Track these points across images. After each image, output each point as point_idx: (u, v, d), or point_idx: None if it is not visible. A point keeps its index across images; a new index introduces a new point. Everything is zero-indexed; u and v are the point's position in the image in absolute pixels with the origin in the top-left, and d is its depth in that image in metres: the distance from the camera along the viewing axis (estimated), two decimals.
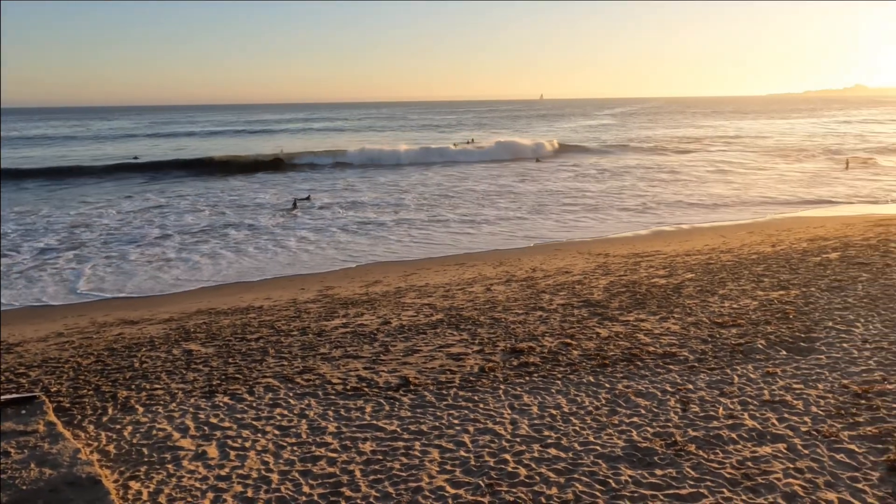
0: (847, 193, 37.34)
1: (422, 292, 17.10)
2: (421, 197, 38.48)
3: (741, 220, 29.58)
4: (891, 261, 17.69)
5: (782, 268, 17.53)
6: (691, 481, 7.30)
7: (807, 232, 24.25)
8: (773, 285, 15.68)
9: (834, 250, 19.62)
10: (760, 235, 24.06)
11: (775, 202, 34.86)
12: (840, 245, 20.51)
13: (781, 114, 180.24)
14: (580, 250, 23.03)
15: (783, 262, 18.21)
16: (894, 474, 7.24)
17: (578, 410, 9.26)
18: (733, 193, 38.32)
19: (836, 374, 10.11)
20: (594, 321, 13.48)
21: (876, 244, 20.35)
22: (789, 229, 25.42)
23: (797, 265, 17.77)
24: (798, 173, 48.11)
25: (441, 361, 11.47)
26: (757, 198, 36.44)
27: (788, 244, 21.39)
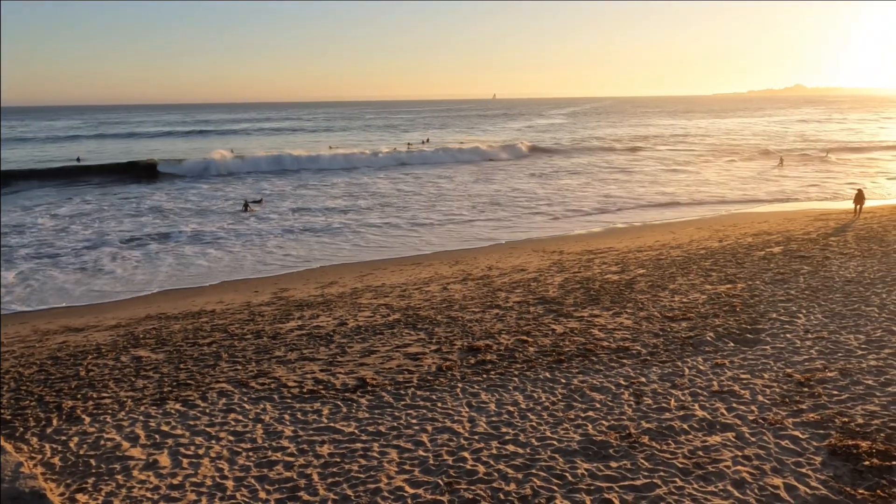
0: (778, 190, 38.77)
1: (378, 293, 17.01)
2: (374, 199, 38.29)
3: (690, 216, 30.38)
4: (830, 254, 18.45)
5: (729, 262, 18.09)
6: (645, 472, 7.46)
7: (751, 227, 25.09)
8: (721, 279, 16.16)
9: (777, 244, 20.35)
10: (708, 231, 24.77)
11: (720, 199, 35.92)
12: (783, 239, 21.29)
13: (727, 113, 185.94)
14: (535, 248, 23.27)
15: (730, 257, 18.78)
16: (835, 458, 7.55)
17: (535, 406, 9.36)
18: (681, 191, 39.33)
19: (780, 364, 10.49)
20: (550, 318, 13.65)
21: (816, 238, 21.19)
22: (735, 224, 26.24)
23: (743, 259, 18.36)
24: (741, 171, 49.70)
25: (398, 361, 11.43)
26: (703, 195, 37.50)
27: (734, 239, 22.08)
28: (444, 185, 44.38)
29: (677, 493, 7.03)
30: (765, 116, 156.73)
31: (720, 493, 6.98)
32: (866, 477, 7.13)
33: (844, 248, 19.18)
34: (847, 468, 7.33)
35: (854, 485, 6.99)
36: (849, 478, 7.14)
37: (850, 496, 6.80)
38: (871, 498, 6.74)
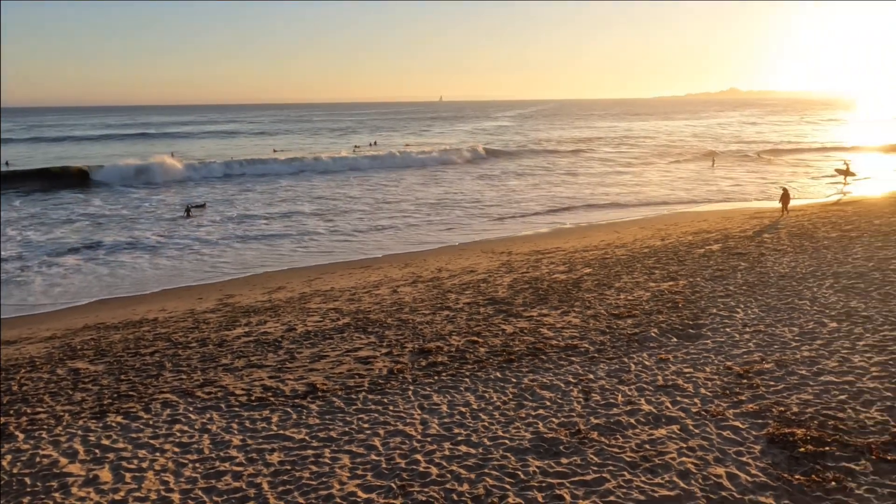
0: (716, 190, 40.23)
1: (327, 297, 16.82)
2: (320, 203, 37.86)
3: (633, 216, 31.16)
4: (765, 250, 19.23)
5: (671, 260, 18.63)
6: (595, 467, 7.61)
7: (692, 226, 25.91)
8: (664, 277, 16.63)
9: (716, 242, 21.08)
10: (651, 230, 25.46)
11: (662, 199, 36.98)
12: (721, 237, 22.07)
13: (667, 115, 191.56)
14: (484, 249, 23.45)
15: (672, 255, 19.35)
16: (773, 446, 7.87)
17: (487, 406, 9.42)
18: (625, 191, 40.33)
19: (720, 357, 10.86)
20: (499, 318, 13.77)
21: (752, 235, 22.05)
22: (676, 224, 27.06)
23: (684, 257, 18.94)
24: (681, 171, 51.33)
25: (349, 366, 11.33)
26: (645, 195, 38.54)
27: (676, 238, 22.76)
28: (392, 188, 44.26)
29: (626, 486, 7.20)
30: (702, 118, 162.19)
31: (666, 485, 7.17)
32: (802, 463, 7.45)
33: (778, 244, 20.02)
34: (784, 455, 7.64)
35: (791, 470, 7.30)
36: (786, 464, 7.45)
37: (788, 482, 7.09)
38: (806, 482, 7.05)
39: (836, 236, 20.74)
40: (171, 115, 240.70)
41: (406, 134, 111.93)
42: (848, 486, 6.93)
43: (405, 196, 39.87)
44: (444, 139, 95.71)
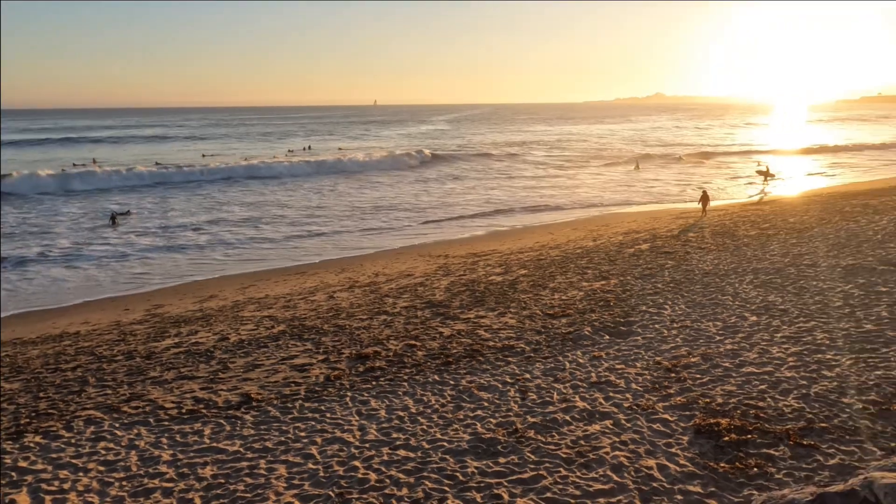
0: (645, 191, 41.70)
1: (261, 304, 16.46)
2: (253, 210, 37.01)
3: (566, 218, 31.87)
4: (690, 249, 20.03)
5: (603, 260, 19.16)
6: (532, 465, 7.73)
7: (622, 226, 26.72)
8: (596, 276, 17.08)
9: (644, 242, 21.81)
10: (583, 231, 26.11)
11: (593, 201, 38.00)
12: (650, 237, 22.85)
13: (597, 119, 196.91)
14: (421, 253, 23.48)
15: (603, 255, 19.90)
16: (700, 436, 8.20)
17: (425, 410, 9.43)
18: (558, 194, 41.21)
19: (650, 353, 11.24)
20: (437, 321, 13.81)
21: (678, 234, 22.94)
22: (607, 225, 27.84)
23: (615, 257, 19.51)
24: (611, 173, 52.89)
25: (285, 374, 11.12)
26: (578, 197, 39.50)
27: (607, 238, 23.42)
28: (327, 193, 43.74)
29: (562, 482, 7.34)
30: (631, 122, 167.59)
31: (600, 479, 7.36)
32: (726, 451, 7.79)
33: (702, 243, 20.90)
34: (710, 444, 7.97)
35: (716, 459, 7.62)
36: (712, 453, 7.77)
37: (714, 470, 7.40)
38: (731, 470, 7.37)
39: (755, 234, 21.82)
40: (94, 118, 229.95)
41: (342, 138, 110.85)
42: (768, 472, 7.29)
43: (340, 201, 39.46)
44: (380, 143, 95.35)
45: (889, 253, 17.66)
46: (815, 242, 19.70)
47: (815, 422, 8.34)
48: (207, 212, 35.82)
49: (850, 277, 15.36)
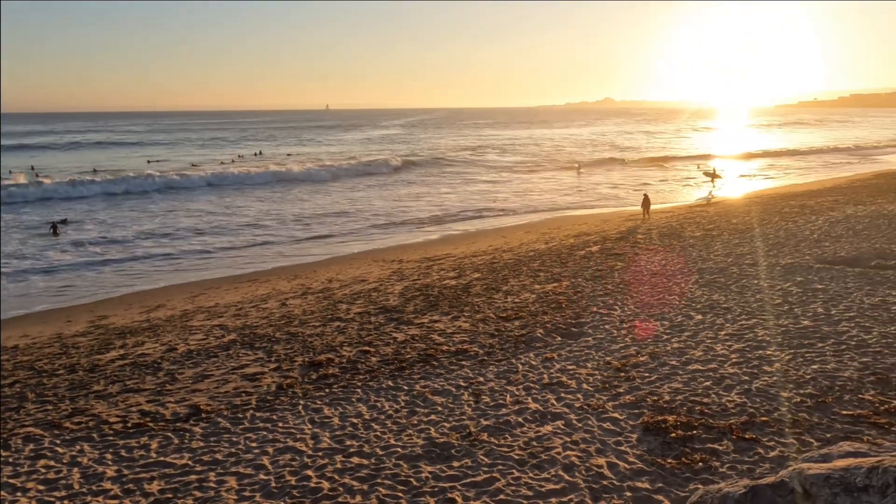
0: (596, 195, 42.56)
1: (211, 313, 16.12)
2: (197, 218, 36.22)
3: (519, 221, 32.22)
4: (639, 250, 20.52)
5: (554, 262, 19.44)
6: (485, 468, 7.79)
7: (573, 229, 27.17)
8: (548, 279, 17.33)
9: (595, 244, 22.24)
10: (536, 234, 26.44)
11: (545, 204, 38.54)
12: (599, 239, 23.31)
13: (548, 124, 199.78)
14: (375, 258, 23.38)
15: (555, 258, 20.20)
16: (648, 434, 8.41)
17: (379, 416, 9.40)
18: (512, 197, 41.63)
19: (601, 353, 11.46)
20: (391, 326, 13.78)
21: (627, 236, 23.46)
22: (559, 227, 28.26)
23: (566, 259, 19.83)
24: (562, 177, 53.74)
25: (235, 384, 10.92)
26: (531, 200, 39.99)
27: (559, 241, 23.78)
28: (280, 200, 43.14)
29: (515, 483, 7.42)
30: (582, 127, 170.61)
31: (552, 479, 7.47)
32: (673, 447, 8.01)
33: (650, 244, 21.43)
34: (658, 441, 8.18)
35: (664, 455, 7.83)
36: (659, 450, 7.98)
37: (661, 466, 7.60)
38: (677, 465, 7.58)
39: (700, 235, 22.50)
40: (35, 123, 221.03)
41: (292, 143, 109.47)
42: (713, 466, 7.53)
43: (293, 208, 38.97)
44: (332, 148, 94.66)
45: (825, 252, 18.47)
46: (757, 242, 20.44)
47: (757, 416, 8.66)
48: (153, 220, 34.85)
49: (788, 276, 15.99)
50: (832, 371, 9.97)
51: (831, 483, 3.41)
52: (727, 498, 3.67)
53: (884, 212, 24.99)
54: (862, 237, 20.20)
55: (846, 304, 13.37)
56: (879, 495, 3.24)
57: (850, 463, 3.50)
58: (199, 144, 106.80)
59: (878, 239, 19.74)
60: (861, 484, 3.31)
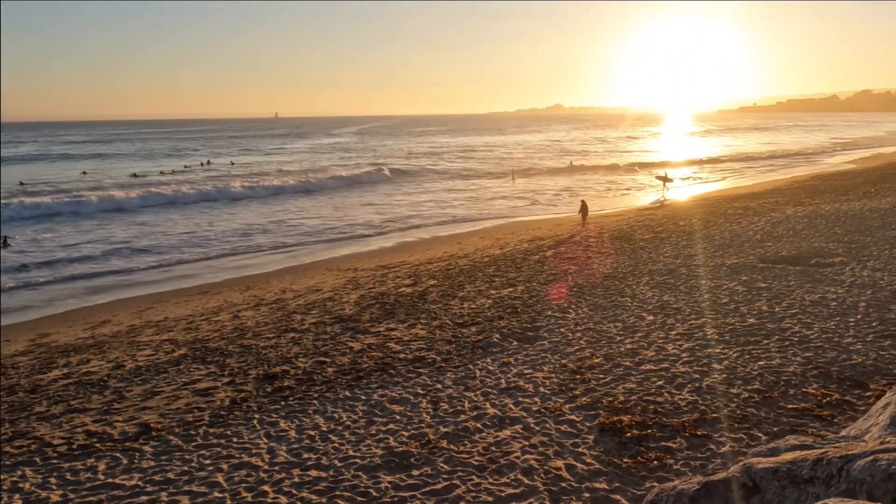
0: (542, 201, 43.19)
1: (160, 328, 15.66)
2: (139, 230, 35.21)
3: (474, 227, 32.40)
4: (591, 253, 20.88)
5: (510, 267, 19.61)
6: (445, 475, 7.77)
7: (527, 233, 27.47)
8: (503, 284, 17.46)
9: (549, 248, 22.53)
10: (490, 240, 26.62)
11: (499, 210, 38.87)
12: (553, 243, 23.63)
13: (500, 130, 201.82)
14: (329, 267, 23.14)
15: (510, 262, 20.38)
16: (605, 434, 8.54)
17: (337, 427, 9.28)
18: (465, 203, 41.85)
19: (557, 356, 11.60)
20: (347, 336, 13.65)
21: (580, 240, 23.84)
22: (513, 232, 28.53)
23: (521, 264, 20.02)
24: (519, 183, 54.34)
25: (187, 400, 10.62)
26: (485, 206, 40.29)
27: (513, 246, 24.01)
28: (226, 213, 42.31)
29: (475, 489, 7.43)
30: (533, 133, 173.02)
31: (512, 483, 7.51)
32: (629, 447, 8.16)
33: (602, 247, 21.83)
34: (614, 441, 8.32)
35: (620, 455, 7.96)
36: (616, 450, 8.12)
37: (618, 465, 7.73)
38: (633, 464, 7.72)
39: (649, 238, 23.04)
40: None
41: (241, 152, 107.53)
42: (667, 463, 7.69)
43: (246, 218, 38.26)
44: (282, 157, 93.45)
45: (767, 251, 19.15)
46: (703, 244, 21.06)
47: (708, 413, 8.90)
48: (93, 234, 33.65)
49: (734, 275, 16.51)
50: (777, 367, 10.32)
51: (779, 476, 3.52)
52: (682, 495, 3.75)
53: (821, 212, 26.08)
54: (801, 237, 21.03)
55: (788, 301, 13.88)
56: (824, 486, 3.37)
57: (796, 456, 3.62)
58: (139, 155, 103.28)
59: (817, 238, 20.58)
60: (807, 476, 3.42)
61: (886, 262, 16.78)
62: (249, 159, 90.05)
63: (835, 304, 13.47)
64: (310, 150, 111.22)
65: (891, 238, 19.73)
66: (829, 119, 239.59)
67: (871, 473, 3.29)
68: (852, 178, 40.86)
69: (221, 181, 55.93)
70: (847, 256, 17.66)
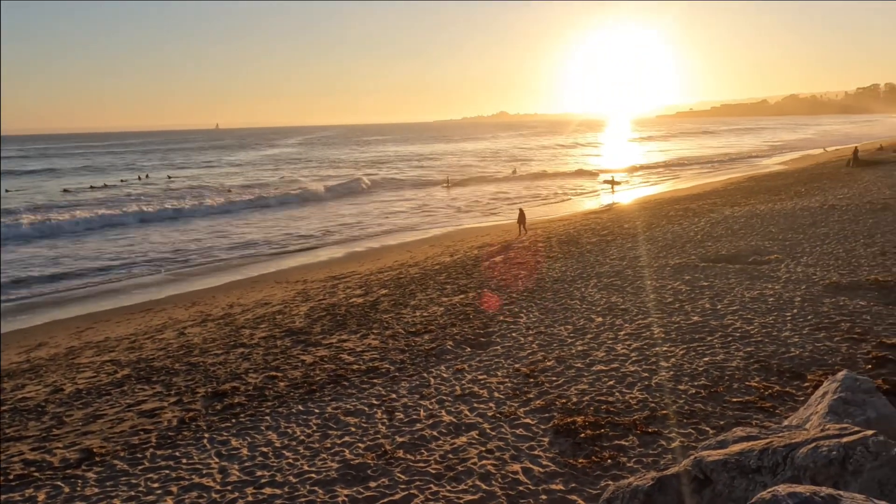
0: (487, 208, 43.66)
1: (101, 348, 15.07)
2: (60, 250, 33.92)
3: (423, 235, 32.43)
4: (539, 258, 21.17)
5: (460, 274, 19.69)
6: (403, 485, 7.72)
7: (476, 240, 27.65)
8: (455, 291, 17.51)
9: (498, 254, 22.73)
10: (440, 248, 26.69)
11: (447, 218, 39.04)
12: (502, 249, 23.86)
13: (447, 138, 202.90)
14: (278, 279, 22.75)
15: (461, 269, 20.47)
16: (559, 436, 8.64)
17: (291, 442, 9.11)
18: (415, 212, 41.87)
19: (510, 361, 11.69)
20: (298, 349, 13.43)
21: (528, 245, 24.15)
22: (462, 240, 28.68)
23: (471, 270, 20.14)
24: (461, 190, 54.69)
25: (132, 422, 10.24)
26: (433, 214, 40.39)
27: (463, 253, 24.12)
28: (159, 228, 41.14)
29: (433, 498, 7.40)
30: (480, 141, 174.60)
31: (470, 490, 7.51)
32: (583, 447, 8.28)
33: (550, 252, 22.16)
34: (569, 443, 8.43)
35: (575, 456, 8.07)
36: (571, 451, 8.22)
37: (573, 466, 7.83)
38: (588, 464, 7.84)
39: (596, 241, 23.52)
40: None
41: (182, 165, 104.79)
42: (621, 461, 7.84)
43: (176, 236, 37.26)
44: (221, 169, 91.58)
45: (708, 251, 19.81)
46: (647, 245, 21.63)
47: (658, 410, 9.12)
48: (21, 250, 32.20)
49: (677, 275, 17.01)
50: (721, 362, 10.67)
51: (728, 467, 3.64)
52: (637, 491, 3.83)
53: (756, 212, 27.17)
54: (739, 236, 21.85)
55: (729, 298, 14.39)
56: (771, 474, 3.50)
57: (743, 447, 3.75)
58: (67, 171, 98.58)
59: (754, 237, 21.42)
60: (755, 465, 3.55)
61: (818, 258, 17.59)
62: (189, 172, 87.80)
63: (772, 299, 14.03)
64: (250, 162, 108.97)
65: (821, 235, 20.71)
66: (762, 122, 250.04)
67: (813, 460, 3.44)
68: (784, 179, 42.74)
69: (156, 196, 54.43)
70: (782, 254, 18.44)
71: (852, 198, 28.87)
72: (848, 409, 4.90)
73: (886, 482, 3.36)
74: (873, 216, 23.46)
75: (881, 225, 21.62)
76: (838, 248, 18.49)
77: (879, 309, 12.78)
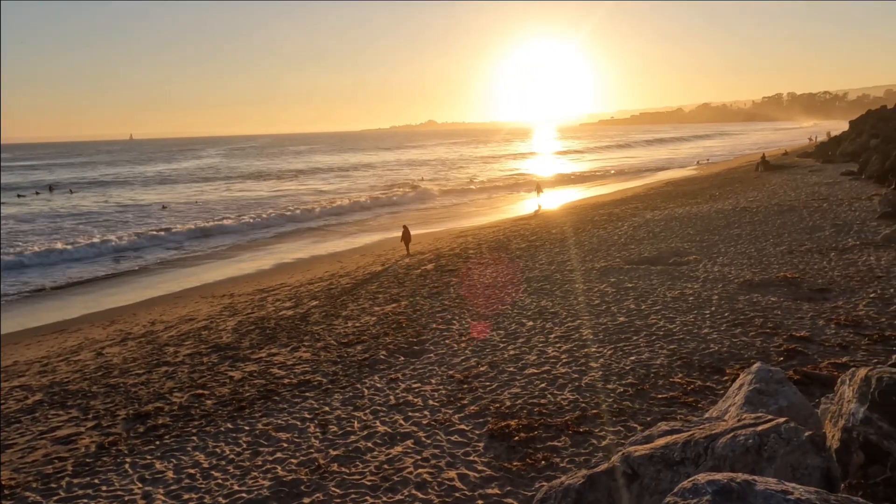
0: (424, 214, 43.86)
1: (9, 373, 14.12)
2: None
3: (355, 244, 32.11)
4: (471, 265, 21.35)
5: (392, 283, 19.61)
6: (337, 499, 7.58)
7: (411, 248, 27.58)
8: (387, 300, 17.42)
9: (430, 262, 22.78)
10: (371, 257, 26.50)
11: (380, 226, 38.86)
12: (434, 257, 23.92)
13: (375, 147, 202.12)
14: (203, 294, 21.99)
15: (392, 278, 20.38)
16: (494, 440, 8.72)
17: (219, 462, 8.79)
18: (345, 221, 41.46)
19: (443, 368, 11.71)
20: (226, 365, 13.00)
21: (459, 252, 24.32)
22: (393, 248, 28.56)
23: (403, 279, 20.09)
24: (391, 198, 54.60)
25: (45, 450, 9.63)
26: (363, 223, 40.11)
27: (394, 261, 24.04)
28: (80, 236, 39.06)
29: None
30: (408, 149, 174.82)
31: (406, 500, 7.46)
32: (518, 450, 8.38)
33: (481, 258, 22.40)
34: (503, 446, 8.51)
35: (509, 459, 8.16)
36: (505, 454, 8.31)
37: (508, 469, 7.91)
38: (522, 467, 7.94)
39: (525, 247, 23.95)
40: None
41: (96, 179, 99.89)
42: (554, 462, 7.98)
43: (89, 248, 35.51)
44: (143, 183, 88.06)
45: (631, 254, 20.52)
46: (574, 249, 22.20)
47: (588, 409, 9.34)
48: None
49: (604, 278, 17.53)
50: (647, 360, 11.05)
51: (654, 461, 3.77)
52: (569, 490, 3.91)
53: (675, 215, 28.38)
54: (660, 238, 22.75)
55: (653, 298, 14.94)
56: (694, 465, 3.64)
57: (668, 441, 3.89)
58: None
59: (673, 239, 22.35)
60: (679, 458, 3.69)
61: (732, 257, 18.54)
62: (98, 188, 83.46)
63: (692, 298, 14.66)
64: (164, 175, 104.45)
65: (734, 236, 21.84)
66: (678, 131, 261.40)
67: (731, 449, 3.61)
68: (699, 184, 44.85)
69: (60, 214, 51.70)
70: (700, 254, 19.33)
71: (762, 200, 30.62)
72: (762, 399, 5.17)
73: (798, 466, 3.56)
74: (781, 217, 24.95)
75: (788, 225, 23.02)
76: (750, 248, 19.54)
77: (788, 304, 13.58)
